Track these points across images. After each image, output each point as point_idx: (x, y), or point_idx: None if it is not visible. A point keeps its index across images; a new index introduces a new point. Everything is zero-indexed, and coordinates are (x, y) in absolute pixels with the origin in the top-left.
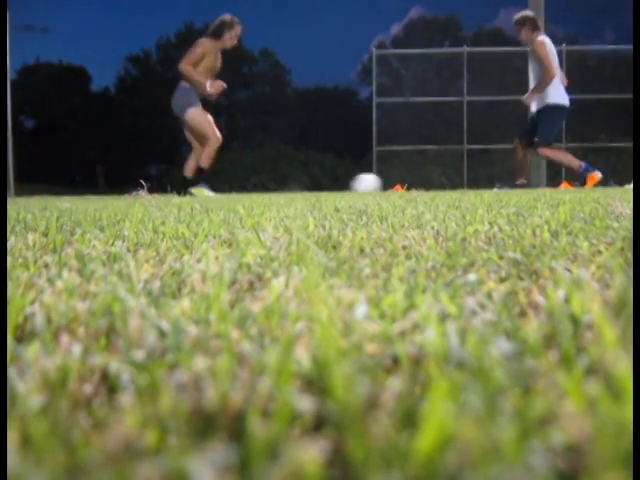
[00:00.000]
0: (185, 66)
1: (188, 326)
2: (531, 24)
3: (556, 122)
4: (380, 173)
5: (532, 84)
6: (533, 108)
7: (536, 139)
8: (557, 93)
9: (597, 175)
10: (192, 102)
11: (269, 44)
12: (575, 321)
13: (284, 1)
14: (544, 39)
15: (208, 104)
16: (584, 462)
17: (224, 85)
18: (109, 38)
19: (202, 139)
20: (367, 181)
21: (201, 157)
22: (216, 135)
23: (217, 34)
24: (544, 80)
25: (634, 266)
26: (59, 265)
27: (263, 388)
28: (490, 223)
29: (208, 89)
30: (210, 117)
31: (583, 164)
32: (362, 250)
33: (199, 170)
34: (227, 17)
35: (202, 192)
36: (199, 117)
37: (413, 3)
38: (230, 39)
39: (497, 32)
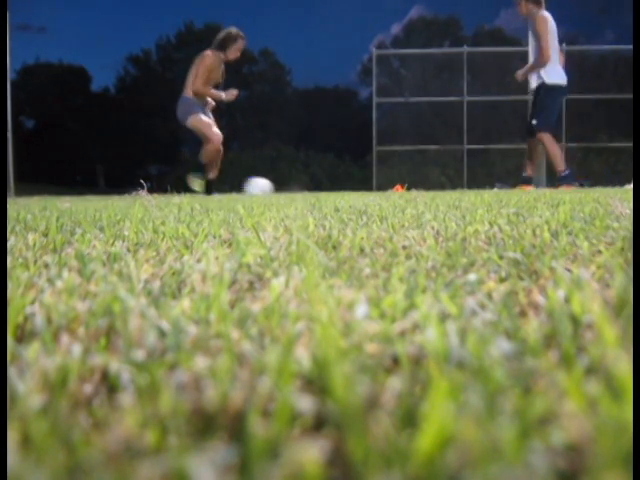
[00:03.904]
0: (200, 88)
1: (188, 326)
2: None
3: (554, 103)
4: (380, 173)
5: (531, 60)
6: (533, 85)
7: (534, 122)
8: (554, 72)
9: (574, 185)
10: (192, 111)
11: (269, 44)
12: (575, 321)
13: (284, 1)
14: (545, 15)
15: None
16: (584, 462)
17: (237, 92)
18: (109, 38)
19: (205, 140)
20: (258, 184)
21: (204, 163)
22: (215, 136)
23: (222, 47)
24: (538, 61)
25: (634, 266)
26: (59, 265)
27: (263, 388)
28: (490, 223)
29: (224, 98)
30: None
31: (569, 171)
32: (362, 250)
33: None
34: (232, 30)
35: (195, 183)
36: (199, 123)
37: (413, 3)
38: (233, 52)
39: (497, 32)
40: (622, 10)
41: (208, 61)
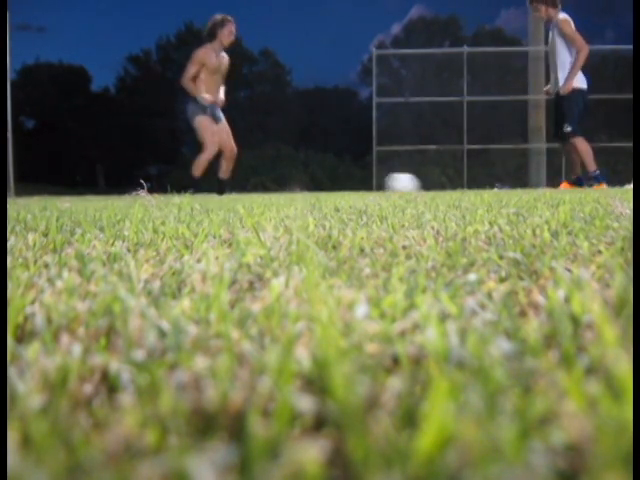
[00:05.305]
0: (185, 82)
1: (188, 326)
2: (551, 0)
3: (577, 106)
4: (380, 173)
5: (561, 66)
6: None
7: (568, 128)
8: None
9: (603, 185)
10: (199, 111)
11: (269, 44)
12: (575, 321)
13: (284, 1)
14: (567, 16)
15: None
16: (584, 462)
17: (222, 99)
18: (109, 38)
19: (203, 147)
20: (403, 180)
21: (195, 176)
22: (213, 146)
23: (211, 35)
24: (579, 59)
25: (634, 266)
26: (59, 265)
27: (263, 388)
28: (490, 223)
29: (203, 101)
30: (220, 127)
31: (599, 171)
32: (362, 250)
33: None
34: (217, 16)
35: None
36: (202, 126)
37: (413, 3)
38: (225, 36)
39: (497, 32)
40: (622, 10)
41: (196, 55)
